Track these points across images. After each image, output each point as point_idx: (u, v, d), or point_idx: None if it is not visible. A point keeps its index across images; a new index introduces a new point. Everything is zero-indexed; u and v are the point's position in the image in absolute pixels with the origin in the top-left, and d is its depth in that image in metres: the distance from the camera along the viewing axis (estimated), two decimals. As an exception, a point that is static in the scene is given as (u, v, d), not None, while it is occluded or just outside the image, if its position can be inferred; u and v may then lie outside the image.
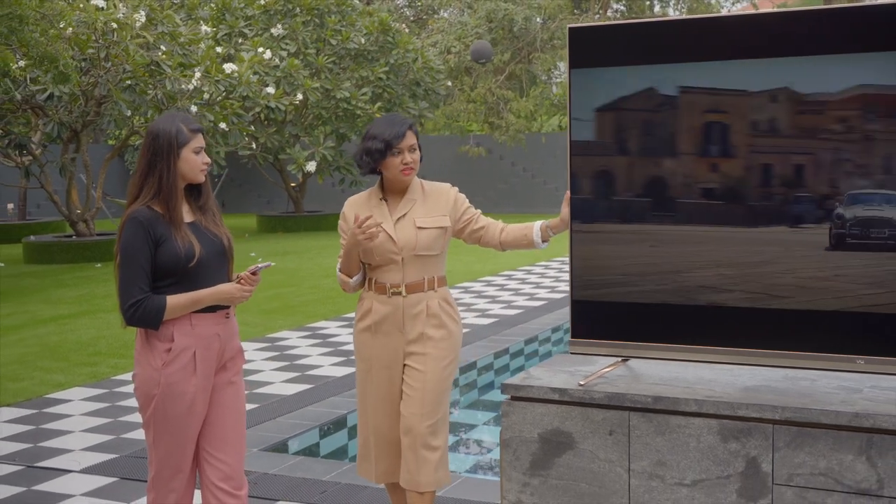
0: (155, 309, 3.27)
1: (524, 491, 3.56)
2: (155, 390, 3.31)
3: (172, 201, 3.35)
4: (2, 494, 4.82)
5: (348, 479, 4.83)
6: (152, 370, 3.32)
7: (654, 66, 3.44)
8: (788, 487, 3.16)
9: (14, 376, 7.47)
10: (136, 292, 3.27)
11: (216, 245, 3.44)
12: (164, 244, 3.30)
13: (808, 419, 3.12)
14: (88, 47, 13.57)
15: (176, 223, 3.34)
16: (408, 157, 3.72)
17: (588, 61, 3.54)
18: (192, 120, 3.43)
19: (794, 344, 3.32)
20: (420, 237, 3.75)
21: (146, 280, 3.29)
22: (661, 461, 3.33)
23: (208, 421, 3.41)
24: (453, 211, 3.85)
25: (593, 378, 3.52)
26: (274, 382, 7.06)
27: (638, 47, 3.48)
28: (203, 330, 3.36)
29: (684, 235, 3.45)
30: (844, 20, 3.18)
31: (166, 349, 3.31)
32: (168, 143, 3.34)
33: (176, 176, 3.36)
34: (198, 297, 3.34)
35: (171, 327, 3.32)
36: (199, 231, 3.42)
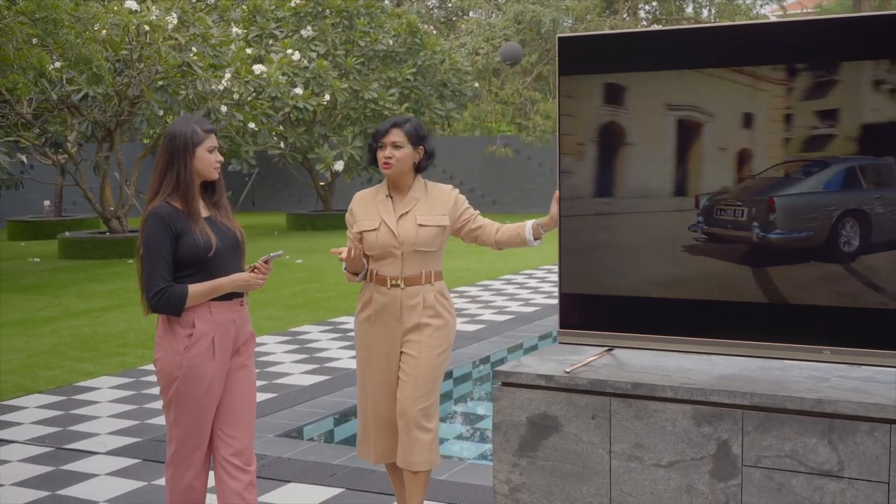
0: (178, 297, 3.53)
1: (514, 471, 3.79)
2: (177, 373, 3.57)
3: (190, 196, 3.61)
4: (32, 473, 5.12)
5: (357, 464, 5.08)
6: (174, 354, 3.57)
7: (636, 73, 3.67)
8: (756, 469, 3.37)
9: (46, 365, 7.81)
10: (160, 282, 3.53)
11: (230, 237, 3.70)
12: (184, 237, 3.56)
13: (774, 405, 3.33)
14: (122, 49, 13.95)
15: (194, 217, 3.61)
16: (387, 152, 3.97)
17: (575, 69, 3.77)
18: (205, 122, 3.69)
19: (765, 335, 3.53)
20: (420, 234, 3.99)
21: (168, 270, 3.55)
22: (640, 444, 3.55)
23: (222, 401, 3.66)
24: (453, 211, 4.09)
25: (578, 366, 3.75)
26: (293, 374, 7.34)
27: (620, 56, 3.71)
28: (221, 316, 3.62)
29: (666, 233, 3.66)
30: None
31: (188, 334, 3.57)
32: (184, 142, 3.60)
33: (192, 173, 3.62)
34: (217, 285, 3.59)
35: (192, 314, 3.58)
36: (215, 225, 3.68)
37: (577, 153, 3.80)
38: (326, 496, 4.67)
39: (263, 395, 6.64)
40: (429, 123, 20.34)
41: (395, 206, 4.04)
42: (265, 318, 9.92)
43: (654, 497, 3.53)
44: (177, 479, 3.67)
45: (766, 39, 3.49)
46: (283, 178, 26.13)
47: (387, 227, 3.98)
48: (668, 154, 3.62)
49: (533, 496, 3.76)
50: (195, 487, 3.68)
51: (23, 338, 9.04)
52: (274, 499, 4.65)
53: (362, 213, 4.06)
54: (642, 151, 3.68)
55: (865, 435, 3.20)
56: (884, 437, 3.17)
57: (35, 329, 9.49)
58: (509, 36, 22.93)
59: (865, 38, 3.31)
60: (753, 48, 3.47)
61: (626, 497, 3.58)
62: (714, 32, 3.64)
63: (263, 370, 7.47)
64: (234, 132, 15.96)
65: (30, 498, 4.74)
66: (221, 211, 3.76)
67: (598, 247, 3.78)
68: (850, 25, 3.40)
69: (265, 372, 7.41)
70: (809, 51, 3.38)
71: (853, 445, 3.22)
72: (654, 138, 3.64)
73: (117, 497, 4.73)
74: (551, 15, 22.54)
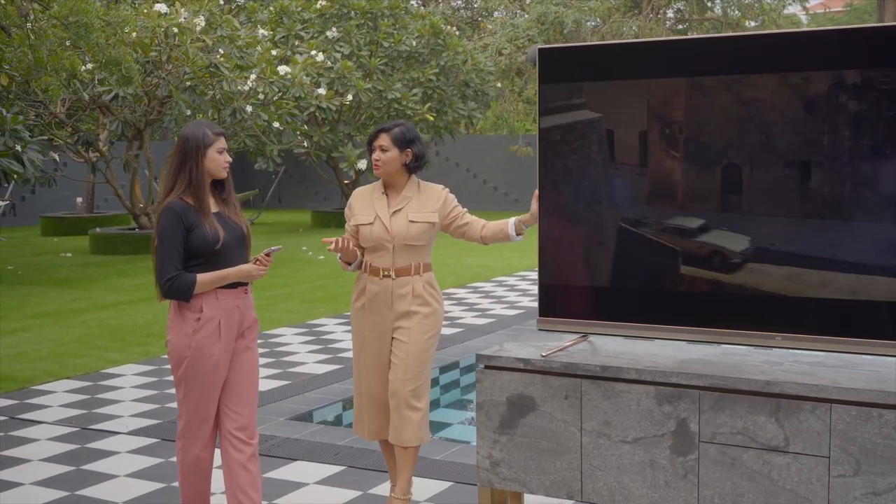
0: (187, 284, 3.89)
1: (494, 447, 4.12)
2: (186, 353, 3.93)
3: (201, 193, 3.97)
4: (58, 450, 5.51)
5: (360, 445, 5.43)
6: (184, 336, 3.93)
7: (610, 82, 3.99)
8: (712, 444, 3.68)
9: (75, 353, 8.23)
10: (172, 270, 3.89)
11: (237, 231, 4.05)
12: (194, 230, 3.92)
13: (728, 386, 3.64)
14: (151, 51, 14.40)
15: (204, 212, 3.96)
16: (376, 155, 4.33)
17: (555, 77, 4.10)
18: (215, 126, 4.05)
19: (725, 323, 3.84)
20: (411, 229, 4.33)
21: (180, 260, 3.91)
22: (608, 421, 3.87)
23: (228, 380, 4.01)
24: (442, 209, 4.42)
25: (554, 351, 4.07)
26: (307, 363, 7.70)
27: (595, 66, 4.03)
28: (226, 303, 3.98)
29: (637, 230, 3.98)
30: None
31: (196, 318, 3.93)
32: (196, 144, 3.96)
33: (203, 172, 3.97)
34: (223, 275, 3.95)
35: (201, 300, 3.93)
36: (223, 220, 4.03)
37: (555, 155, 4.12)
38: (329, 473, 5.02)
39: (278, 382, 7.01)
40: (451, 123, 20.67)
41: (389, 203, 4.38)
42: (285, 311, 10.30)
43: (620, 471, 3.85)
44: (186, 451, 4.03)
45: (723, 52, 3.81)
46: (310, 177, 26.56)
47: (381, 222, 4.32)
48: (638, 156, 3.93)
49: (512, 470, 4.09)
50: (203, 458, 4.04)
51: (54, 328, 9.48)
52: (281, 475, 5.00)
53: (360, 208, 4.40)
54: (616, 154, 4.00)
55: (808, 413, 3.50)
56: (825, 416, 3.47)
57: (66, 320, 9.93)
58: (532, 36, 23.20)
59: (807, 52, 3.63)
60: (709, 59, 3.79)
61: (595, 471, 3.90)
62: (676, 44, 3.96)
63: (279, 359, 7.84)
64: (259, 131, 16.37)
65: (55, 472, 5.13)
66: (230, 207, 4.11)
67: (574, 242, 4.10)
68: (792, 39, 3.71)
69: (281, 361, 7.78)
70: (767, 62, 3.70)
71: (797, 423, 3.52)
72: (625, 142, 3.96)
73: (136, 472, 5.11)
74: (573, 16, 22.79)
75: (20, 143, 12.34)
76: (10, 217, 22.65)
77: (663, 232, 3.92)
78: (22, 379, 7.29)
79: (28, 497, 4.77)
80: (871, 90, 3.49)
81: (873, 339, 3.59)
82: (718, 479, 3.67)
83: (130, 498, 4.74)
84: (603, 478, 3.88)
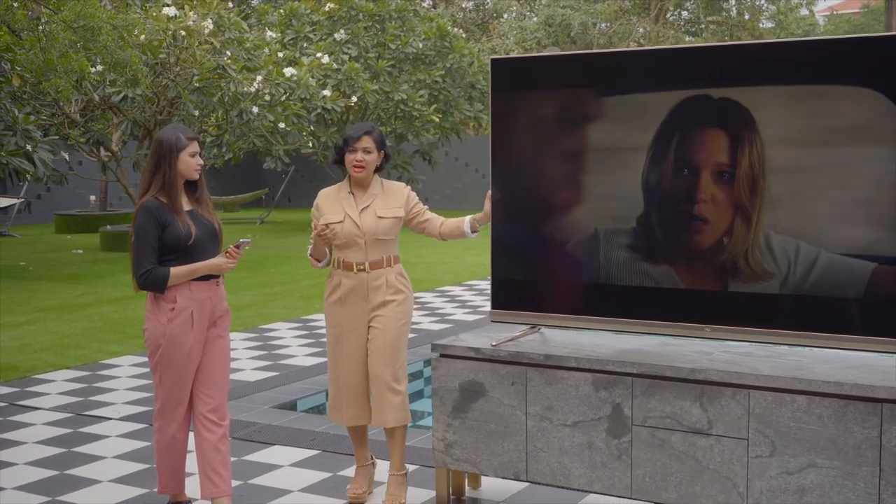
0: (161, 277, 4.20)
1: (448, 430, 4.42)
2: (161, 340, 4.24)
3: (174, 193, 4.28)
4: (53, 434, 5.84)
5: (336, 431, 5.73)
6: (159, 325, 4.25)
7: (557, 90, 4.28)
8: (643, 427, 3.97)
9: (77, 345, 8.57)
10: (147, 263, 4.20)
11: (209, 228, 4.36)
12: (168, 227, 4.23)
13: (657, 373, 3.92)
14: (160, 53, 14.77)
15: (177, 210, 4.27)
16: (359, 156, 4.61)
17: (506, 85, 4.39)
18: (189, 131, 4.36)
19: (661, 315, 4.13)
20: (380, 224, 4.62)
21: (154, 255, 4.22)
22: (550, 406, 4.16)
23: (201, 366, 4.32)
24: (406, 204, 4.71)
25: (504, 341, 4.37)
26: (297, 356, 8.01)
27: (543, 76, 4.32)
28: (199, 294, 4.28)
29: (584, 227, 4.27)
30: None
31: (171, 308, 4.24)
32: (170, 148, 4.27)
33: (176, 174, 4.28)
34: (194, 268, 4.26)
35: (175, 292, 4.24)
36: (196, 217, 4.34)
37: (506, 158, 4.41)
38: (303, 456, 5.33)
39: (266, 374, 7.33)
40: (458, 124, 20.96)
41: (356, 202, 4.67)
42: (283, 307, 10.63)
43: (562, 452, 4.14)
44: (162, 432, 4.34)
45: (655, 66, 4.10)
46: (320, 176, 26.87)
47: (351, 220, 4.62)
48: (584, 159, 4.22)
49: (464, 451, 4.38)
50: (178, 438, 4.35)
51: (58, 321, 9.83)
52: (258, 458, 5.31)
53: (327, 208, 4.70)
54: (564, 157, 4.29)
55: (729, 399, 3.78)
56: (744, 401, 3.75)
57: (70, 314, 10.29)
58: (540, 38, 23.47)
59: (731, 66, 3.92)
60: (639, 74, 4.08)
61: (539, 452, 4.19)
62: (614, 56, 4.25)
63: (271, 352, 8.16)
64: (266, 132, 16.71)
65: (48, 454, 5.46)
66: (203, 206, 4.42)
67: (523, 240, 4.40)
68: (720, 52, 4.00)
69: (272, 353, 8.10)
70: (697, 75, 3.98)
71: (720, 408, 3.80)
72: (569, 146, 4.25)
73: (123, 454, 5.43)
74: (580, 18, 23.04)
75: (31, 143, 12.74)
76: (25, 215, 23.11)
77: (605, 231, 4.21)
78: (24, 368, 7.63)
79: (21, 476, 5.10)
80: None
81: (792, 330, 3.87)
82: (649, 460, 3.95)
83: (115, 477, 5.06)
84: (546, 459, 4.17)
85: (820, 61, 3.77)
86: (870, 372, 3.72)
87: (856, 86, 3.67)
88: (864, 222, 3.69)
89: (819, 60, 3.78)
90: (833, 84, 3.71)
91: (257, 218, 23.22)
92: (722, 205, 3.92)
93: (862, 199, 3.69)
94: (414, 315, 9.88)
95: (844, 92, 3.69)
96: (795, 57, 3.87)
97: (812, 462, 3.64)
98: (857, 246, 3.71)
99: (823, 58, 3.79)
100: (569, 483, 4.15)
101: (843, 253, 3.73)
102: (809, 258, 3.79)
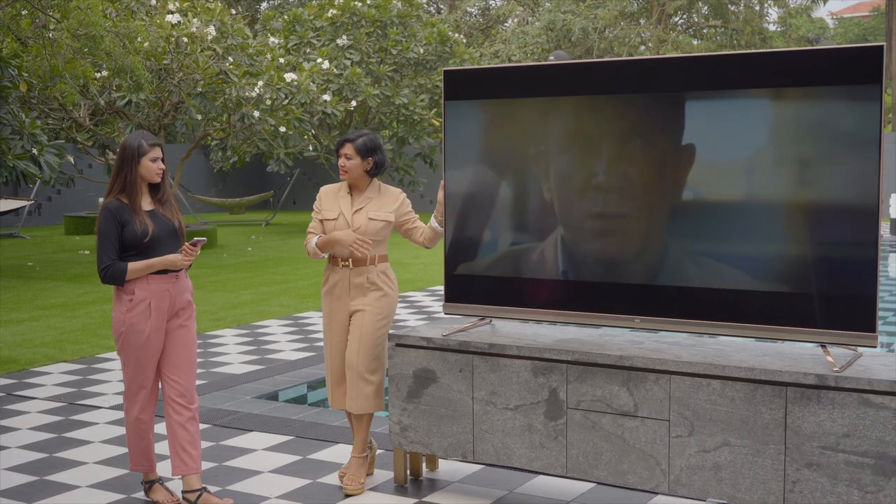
0: (120, 271, 4.57)
1: (403, 414, 4.77)
2: (122, 328, 4.61)
3: (133, 195, 4.63)
4: (46, 420, 6.22)
5: (311, 419, 6.08)
6: (120, 314, 4.62)
7: (506, 99, 4.62)
8: (577, 410, 4.30)
9: (75, 340, 8.96)
10: (107, 259, 4.57)
11: (168, 226, 4.70)
12: (126, 226, 4.59)
13: (589, 360, 4.26)
14: (163, 59, 15.19)
15: (136, 211, 4.62)
16: (341, 162, 4.97)
17: (458, 95, 4.74)
18: (151, 137, 4.72)
19: (596, 308, 4.46)
20: (370, 226, 4.96)
21: (115, 251, 4.58)
22: (494, 391, 4.50)
23: (165, 352, 4.68)
24: (398, 210, 5.03)
25: (454, 331, 4.71)
26: (284, 351, 8.37)
27: (492, 86, 4.67)
28: (156, 287, 4.63)
29: (531, 227, 4.61)
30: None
31: (129, 299, 4.60)
32: (132, 153, 4.64)
33: (137, 177, 4.64)
34: (150, 264, 4.61)
35: (133, 285, 4.60)
36: (156, 216, 4.69)
37: (458, 161, 4.76)
38: (276, 441, 5.68)
39: (252, 367, 7.69)
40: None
41: (352, 202, 5.02)
42: (277, 305, 10.99)
43: (505, 434, 4.48)
44: (129, 412, 4.71)
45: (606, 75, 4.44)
46: (326, 178, 27.31)
47: (343, 218, 4.97)
48: (530, 163, 4.57)
49: (418, 434, 4.73)
50: (142, 419, 4.71)
51: (60, 318, 10.22)
52: (234, 443, 5.67)
53: (327, 204, 5.05)
54: (512, 160, 4.64)
55: (653, 383, 4.12)
56: (665, 385, 4.09)
57: (72, 311, 10.68)
58: (541, 43, 23.81)
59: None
60: (588, 82, 4.43)
61: (485, 434, 4.53)
62: (554, 69, 4.59)
63: (260, 347, 8.52)
64: (268, 136, 17.11)
65: (40, 438, 5.83)
66: (165, 205, 4.76)
67: (474, 238, 4.74)
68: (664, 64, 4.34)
69: (261, 349, 8.46)
70: (637, 83, 4.32)
71: (644, 392, 4.14)
72: (520, 150, 4.60)
73: (109, 439, 5.80)
74: (580, 23, 23.37)
75: (37, 147, 13.16)
76: (35, 217, 23.58)
77: (544, 229, 4.55)
78: (23, 362, 8.02)
79: (12, 459, 5.46)
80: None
81: (712, 321, 4.20)
82: (582, 440, 4.29)
83: (100, 459, 5.42)
84: (491, 440, 4.51)
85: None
86: (781, 359, 4.04)
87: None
88: (761, 222, 4.02)
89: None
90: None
91: (262, 220, 23.62)
92: (644, 207, 4.25)
93: (761, 198, 4.02)
94: (404, 314, 10.24)
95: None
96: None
97: (726, 441, 3.97)
98: (750, 245, 4.05)
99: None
100: (511, 462, 4.49)
101: (740, 252, 4.07)
102: (714, 255, 4.12)
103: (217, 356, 8.18)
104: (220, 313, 10.47)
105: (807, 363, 3.96)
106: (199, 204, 25.51)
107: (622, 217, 4.34)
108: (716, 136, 4.12)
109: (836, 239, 3.92)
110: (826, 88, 3.89)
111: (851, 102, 3.85)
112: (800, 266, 3.99)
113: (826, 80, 3.89)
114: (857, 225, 3.86)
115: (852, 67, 3.83)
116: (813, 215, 3.95)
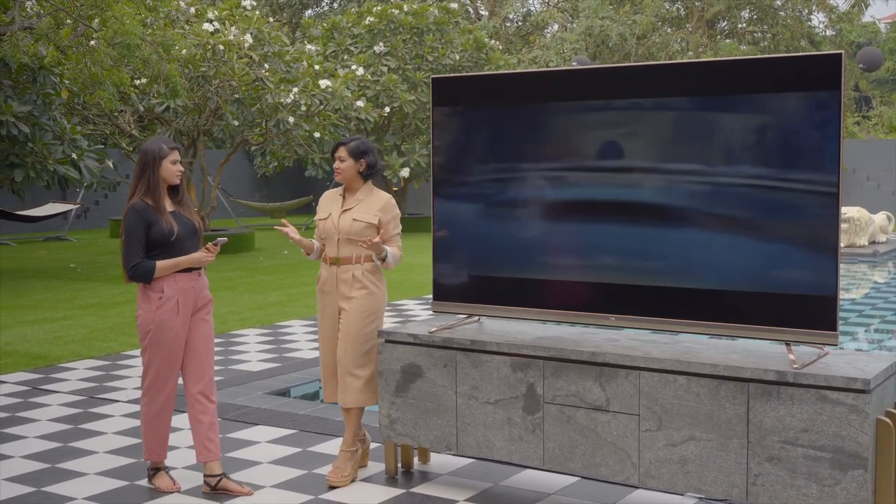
0: (148, 269, 4.81)
1: (392, 408, 4.96)
2: (151, 326, 4.86)
3: (157, 196, 4.89)
4: (64, 413, 6.51)
5: (317, 413, 6.30)
6: (149, 312, 4.86)
7: (493, 106, 4.81)
8: (553, 405, 4.46)
9: (103, 338, 9.29)
10: (135, 258, 4.82)
11: (189, 226, 4.96)
12: (153, 226, 4.84)
13: (564, 356, 4.42)
14: (200, 66, 15.57)
15: (161, 211, 4.88)
16: (336, 165, 5.20)
17: (446, 101, 4.93)
18: (171, 141, 4.98)
19: (573, 305, 4.62)
20: (353, 226, 5.17)
21: (142, 250, 4.83)
22: (476, 386, 4.68)
23: (188, 349, 4.92)
24: (382, 213, 5.19)
25: (441, 328, 4.90)
26: (302, 350, 8.61)
27: (481, 93, 4.86)
28: (183, 284, 4.89)
29: (518, 227, 4.78)
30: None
31: (158, 297, 4.85)
32: (153, 157, 4.89)
33: (159, 179, 4.90)
34: (177, 262, 4.86)
35: (162, 282, 4.85)
36: (178, 217, 4.95)
37: (446, 166, 4.95)
38: (280, 435, 5.91)
39: (269, 365, 7.93)
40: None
41: (343, 204, 5.24)
42: (303, 306, 11.25)
43: (486, 427, 4.65)
44: (151, 404, 4.95)
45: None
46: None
47: (332, 219, 5.20)
48: (518, 170, 4.74)
49: (405, 427, 4.92)
50: (166, 409, 4.98)
51: (93, 317, 10.58)
52: (240, 436, 5.90)
53: (323, 206, 5.29)
54: (499, 165, 4.81)
55: (623, 379, 4.26)
56: (636, 381, 4.23)
57: (105, 311, 11.03)
58: (578, 49, 23.90)
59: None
60: (573, 89, 4.59)
61: (467, 427, 4.71)
62: (541, 76, 4.75)
63: (280, 346, 8.77)
64: (303, 141, 17.44)
65: (59, 429, 6.11)
66: (184, 206, 5.02)
67: (460, 240, 4.92)
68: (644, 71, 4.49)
69: (280, 347, 8.71)
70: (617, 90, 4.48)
71: (616, 387, 4.29)
72: (502, 155, 4.78)
73: (123, 430, 6.07)
74: (618, 29, 23.43)
75: (77, 152, 13.59)
76: (81, 220, 24.19)
77: (527, 231, 4.72)
78: (51, 357, 8.35)
79: (30, 447, 5.75)
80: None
81: (682, 319, 4.34)
82: (558, 434, 4.44)
83: (111, 449, 5.69)
84: (472, 433, 4.69)
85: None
86: (747, 356, 4.17)
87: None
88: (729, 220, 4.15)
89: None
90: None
91: (302, 224, 23.99)
92: (618, 209, 4.41)
93: (728, 200, 4.16)
94: (402, 315, 10.42)
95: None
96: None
97: (692, 435, 4.11)
98: (720, 246, 4.18)
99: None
100: (492, 455, 4.65)
101: (712, 252, 4.20)
102: (685, 256, 4.26)
103: (237, 354, 8.44)
104: (247, 313, 10.75)
105: (770, 360, 4.08)
106: (242, 209, 25.97)
107: (599, 219, 4.49)
108: (678, 139, 4.26)
109: (800, 240, 4.04)
110: (787, 94, 4.02)
111: (814, 107, 3.97)
112: (765, 266, 4.12)
113: (788, 87, 4.01)
114: (818, 227, 3.98)
115: (813, 75, 3.96)
116: (777, 217, 4.07)
